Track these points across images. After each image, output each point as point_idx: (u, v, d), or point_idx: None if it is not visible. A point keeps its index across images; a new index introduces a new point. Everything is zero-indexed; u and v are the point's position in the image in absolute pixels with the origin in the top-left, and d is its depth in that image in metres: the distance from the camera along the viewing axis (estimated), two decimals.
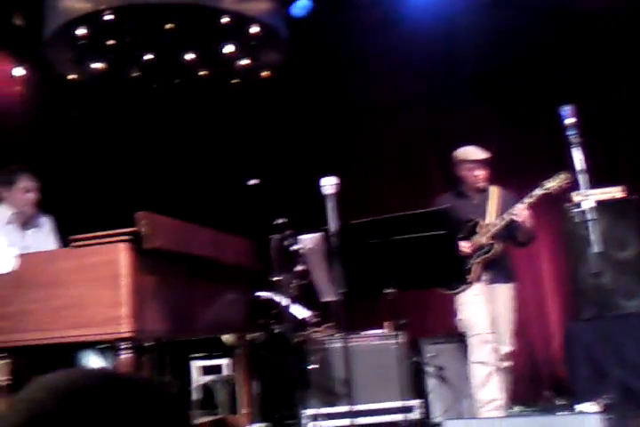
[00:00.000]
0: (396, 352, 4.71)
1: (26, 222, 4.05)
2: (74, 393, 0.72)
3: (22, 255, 3.34)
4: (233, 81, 6.00)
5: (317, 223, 3.43)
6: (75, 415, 0.69)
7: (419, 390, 4.84)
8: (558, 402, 5.19)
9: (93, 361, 3.62)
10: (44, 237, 4.09)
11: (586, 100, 5.37)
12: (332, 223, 3.19)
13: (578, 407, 4.39)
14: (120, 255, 2.94)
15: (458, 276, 3.60)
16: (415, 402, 4.57)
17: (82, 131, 6.73)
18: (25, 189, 3.97)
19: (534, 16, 6.07)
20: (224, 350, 4.98)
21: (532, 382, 5.82)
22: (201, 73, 5.81)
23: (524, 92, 6.22)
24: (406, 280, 3.22)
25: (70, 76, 5.80)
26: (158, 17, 5.17)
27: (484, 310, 4.48)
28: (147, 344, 4.27)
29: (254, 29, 5.35)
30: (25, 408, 0.71)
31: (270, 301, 4.78)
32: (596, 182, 4.26)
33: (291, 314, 3.96)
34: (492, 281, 4.57)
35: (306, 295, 4.35)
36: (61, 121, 6.63)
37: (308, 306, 4.93)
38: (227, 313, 3.85)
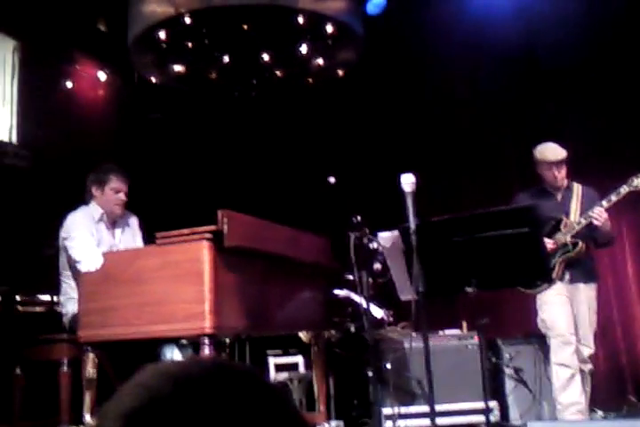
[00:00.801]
0: (473, 353, 4.64)
1: (115, 221, 4.17)
2: (188, 380, 0.73)
3: (109, 253, 3.46)
4: (309, 80, 6.04)
5: (395, 221, 3.41)
6: (189, 401, 0.71)
7: (496, 392, 4.76)
8: None
9: (176, 357, 3.71)
10: (131, 236, 4.21)
11: None
12: (412, 221, 3.16)
13: None
14: (203, 253, 3.00)
15: (544, 275, 3.50)
16: (493, 403, 4.50)
17: (163, 131, 6.93)
18: (115, 190, 4.07)
19: (618, 7, 5.88)
20: (300, 348, 5.02)
21: (615, 386, 5.63)
22: (277, 73, 5.88)
23: (610, 86, 6.02)
24: (489, 279, 3.16)
25: (152, 79, 5.96)
26: (235, 18, 5.26)
27: (566, 310, 4.38)
28: (226, 340, 4.36)
29: (330, 28, 5.38)
30: (140, 393, 0.73)
31: (347, 299, 4.79)
32: None
33: (367, 312, 3.95)
34: (574, 281, 4.46)
35: (382, 294, 4.34)
36: (143, 122, 6.84)
37: (384, 305, 4.91)
38: (303, 311, 3.87)
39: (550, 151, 4.53)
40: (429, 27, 6.45)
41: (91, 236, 3.96)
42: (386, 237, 3.55)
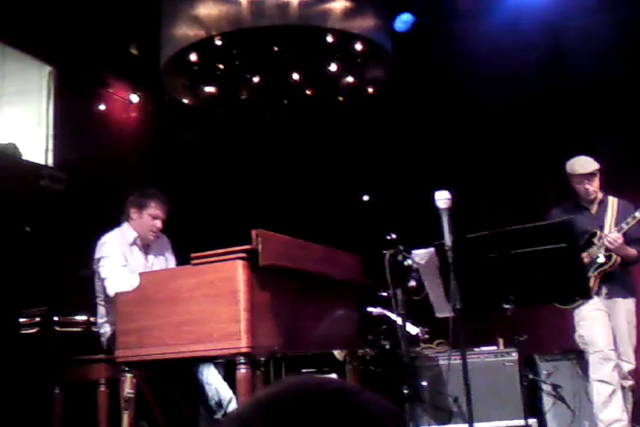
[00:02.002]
0: (510, 369, 4.59)
1: (148, 244, 4.20)
2: (281, 409, 0.74)
3: (145, 273, 3.48)
4: (339, 99, 6.08)
5: (430, 238, 3.40)
6: None
7: (534, 409, 4.69)
8: None
9: (211, 375, 3.72)
10: (164, 260, 4.23)
11: None
12: (447, 238, 3.15)
13: None
14: (238, 272, 3.01)
15: (582, 291, 3.45)
16: (531, 421, 4.43)
17: (195, 152, 7.01)
18: (153, 216, 4.07)
19: None
20: (334, 366, 5.00)
21: None
22: (308, 92, 5.92)
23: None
24: (527, 296, 3.12)
25: (184, 101, 6.04)
26: (265, 39, 5.32)
27: (605, 325, 4.31)
28: (261, 359, 4.35)
29: (359, 47, 5.42)
30: (236, 424, 0.75)
31: (381, 316, 4.76)
32: None
33: (402, 330, 3.93)
34: (612, 296, 4.39)
35: (417, 311, 4.32)
36: (175, 144, 6.93)
37: (418, 322, 4.88)
38: (337, 329, 3.86)
39: (579, 164, 4.49)
40: (457, 42, 6.46)
41: (123, 259, 3.97)
42: (421, 255, 3.54)
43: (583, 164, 4.48)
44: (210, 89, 5.82)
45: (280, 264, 3.22)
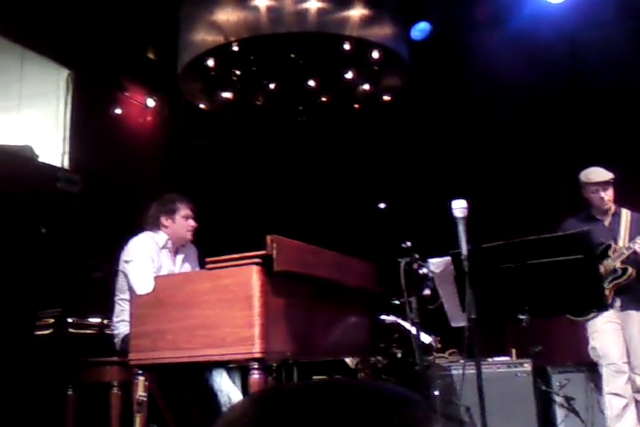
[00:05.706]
0: (523, 380, 4.56)
1: (177, 249, 4.24)
2: (279, 409, 0.74)
3: (160, 277, 3.49)
4: (355, 106, 6.09)
5: (445, 247, 3.39)
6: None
7: (547, 421, 4.66)
8: None
9: (224, 382, 3.71)
10: (190, 267, 4.26)
11: None
12: (463, 247, 3.14)
13: None
14: (252, 277, 3.02)
15: (599, 303, 3.43)
16: None
17: (209, 157, 7.03)
18: (185, 217, 4.18)
19: None
20: (346, 373, 4.99)
21: None
22: (324, 99, 5.94)
23: None
24: (542, 306, 3.11)
25: (201, 106, 6.07)
26: (282, 46, 5.34)
27: (618, 338, 4.28)
28: (273, 365, 4.35)
29: (376, 54, 5.43)
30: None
31: (394, 324, 4.75)
32: None
33: (415, 338, 3.92)
34: (625, 308, 4.37)
35: (430, 320, 4.31)
36: (190, 149, 6.96)
37: (431, 331, 4.86)
38: (349, 336, 3.85)
39: (595, 173, 4.49)
40: (474, 52, 6.46)
41: (151, 262, 3.99)
42: (437, 263, 3.53)
43: (598, 172, 4.49)
44: (226, 94, 5.85)
45: (294, 270, 3.22)
